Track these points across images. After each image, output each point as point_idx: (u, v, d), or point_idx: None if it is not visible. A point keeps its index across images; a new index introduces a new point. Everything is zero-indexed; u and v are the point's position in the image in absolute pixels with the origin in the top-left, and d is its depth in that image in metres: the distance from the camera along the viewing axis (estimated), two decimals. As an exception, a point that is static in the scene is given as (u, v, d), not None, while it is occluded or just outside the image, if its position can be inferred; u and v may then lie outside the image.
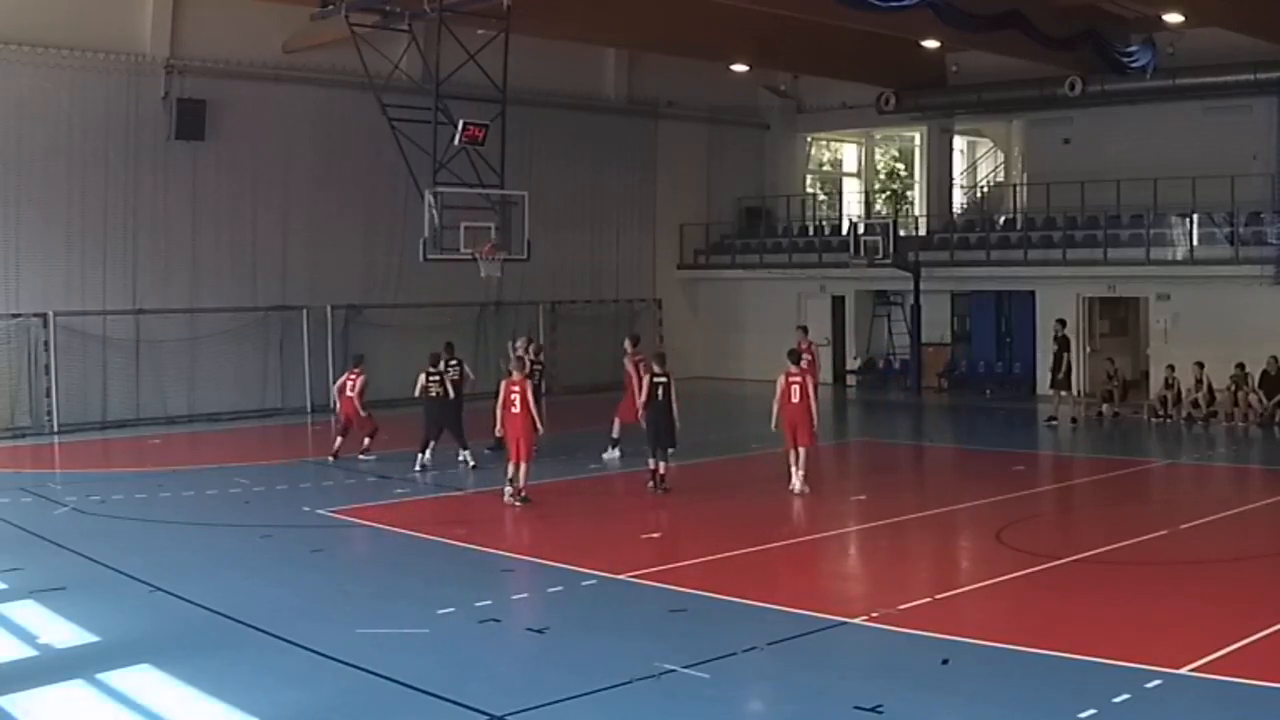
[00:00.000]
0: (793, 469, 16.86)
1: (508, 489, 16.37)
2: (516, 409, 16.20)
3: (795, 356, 17.21)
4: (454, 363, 19.96)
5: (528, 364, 18.41)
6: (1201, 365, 23.87)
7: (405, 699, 9.01)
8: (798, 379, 16.86)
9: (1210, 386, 23.83)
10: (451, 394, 19.42)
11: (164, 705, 8.97)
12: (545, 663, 10.04)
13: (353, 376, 20.44)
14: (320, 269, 27.48)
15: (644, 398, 17.61)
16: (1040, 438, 25.64)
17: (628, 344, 20.62)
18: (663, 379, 17.31)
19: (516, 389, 16.33)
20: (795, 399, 16.73)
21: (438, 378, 19.41)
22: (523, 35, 23.09)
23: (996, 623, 11.03)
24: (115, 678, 9.53)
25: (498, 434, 16.87)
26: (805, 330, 21.62)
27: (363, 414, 20.27)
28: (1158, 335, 27.65)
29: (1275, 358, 23.75)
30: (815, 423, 17.05)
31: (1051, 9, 24.68)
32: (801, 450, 16.86)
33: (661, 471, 17.25)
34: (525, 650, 10.34)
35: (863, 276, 31.33)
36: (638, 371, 18.82)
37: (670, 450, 17.54)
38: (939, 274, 30.41)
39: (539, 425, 16.58)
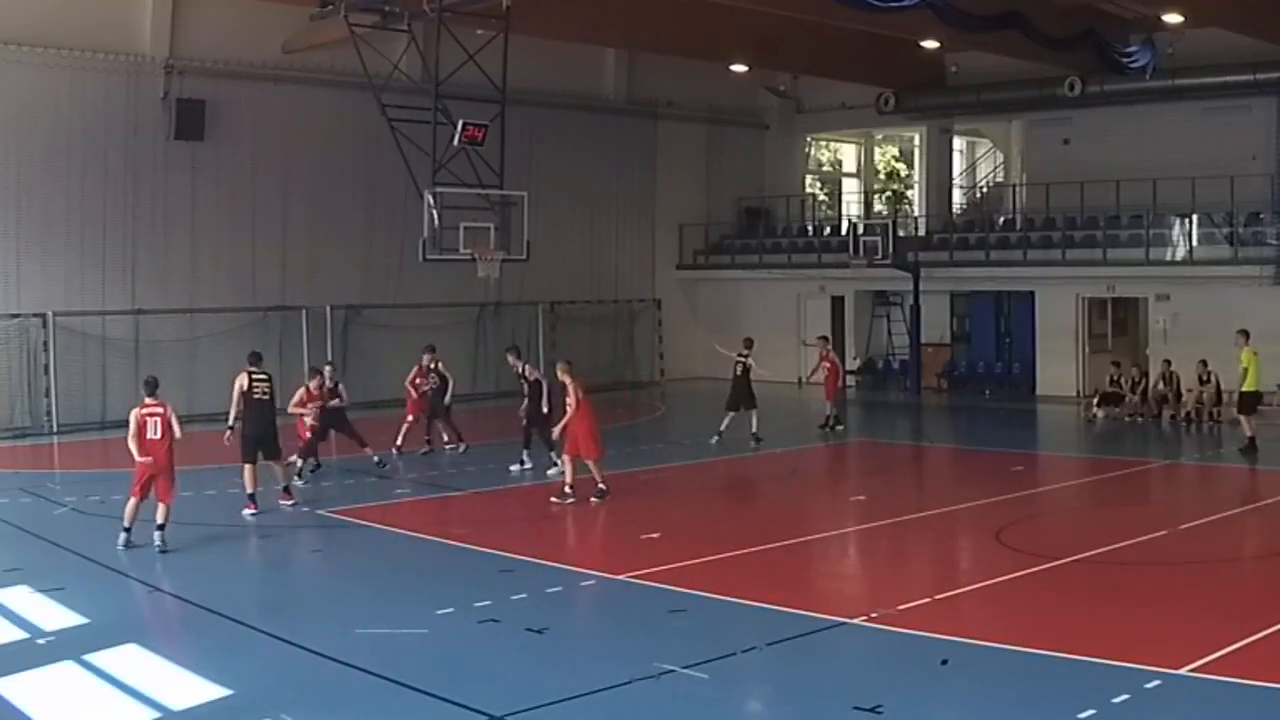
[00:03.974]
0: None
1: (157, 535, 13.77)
2: (157, 435, 13.79)
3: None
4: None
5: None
6: (1205, 363, 23.81)
7: (405, 699, 9.01)
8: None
9: (1218, 384, 23.77)
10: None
11: (166, 705, 8.99)
12: (545, 663, 10.03)
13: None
14: (320, 269, 27.49)
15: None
16: (1040, 438, 25.66)
17: (563, 369, 17.00)
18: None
19: (159, 410, 13.87)
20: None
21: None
22: (522, 35, 23.10)
23: (996, 623, 11.02)
24: (113, 673, 9.54)
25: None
26: (826, 339, 26.14)
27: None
28: (1157, 336, 27.65)
29: None
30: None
31: (1051, 9, 24.67)
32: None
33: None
34: (525, 650, 10.33)
35: (862, 277, 31.32)
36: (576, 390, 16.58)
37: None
38: (938, 274, 30.41)
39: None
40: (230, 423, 16.15)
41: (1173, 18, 23.63)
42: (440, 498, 17.58)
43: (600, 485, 16.50)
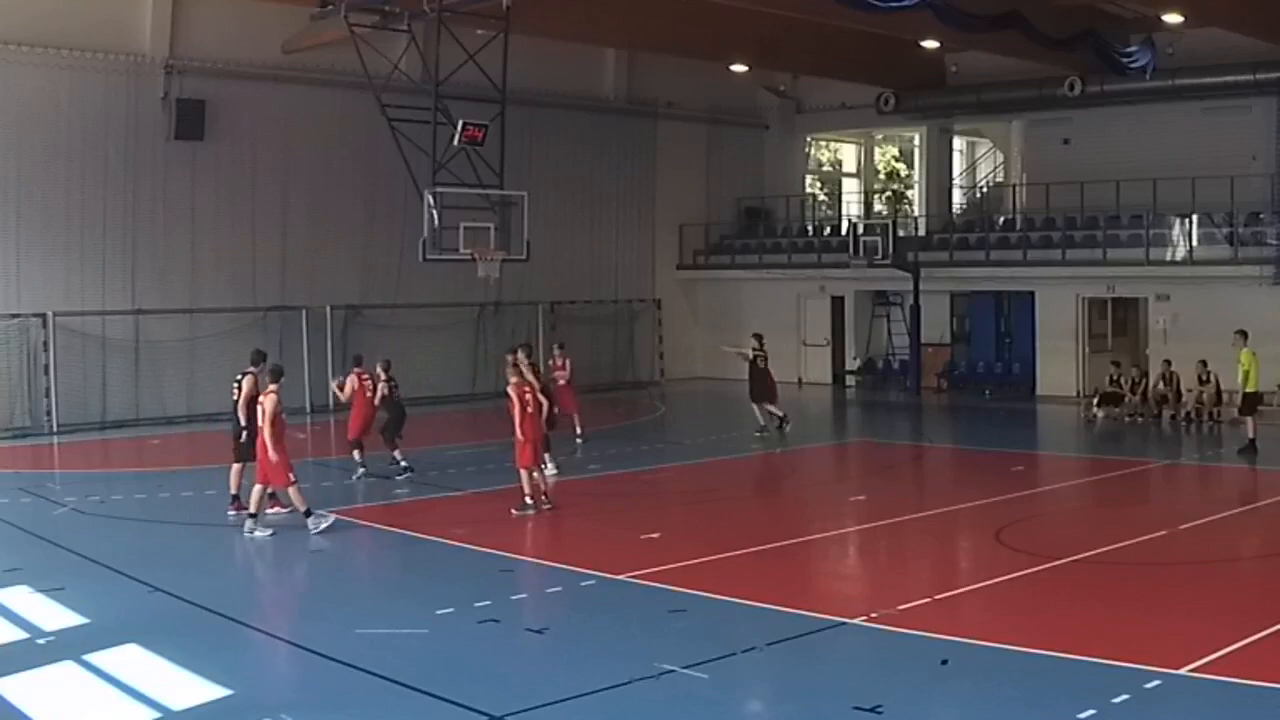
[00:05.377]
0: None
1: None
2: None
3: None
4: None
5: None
6: (1205, 363, 23.79)
7: (405, 699, 9.01)
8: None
9: (1218, 385, 23.74)
10: None
11: (166, 705, 8.99)
12: (545, 663, 10.03)
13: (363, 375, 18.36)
14: (320, 269, 27.48)
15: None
16: (1040, 438, 25.65)
17: (524, 356, 17.35)
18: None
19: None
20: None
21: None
22: (523, 35, 23.10)
23: (996, 623, 11.02)
24: (113, 674, 9.54)
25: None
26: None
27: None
28: (1157, 336, 27.65)
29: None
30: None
31: (1051, 9, 24.66)
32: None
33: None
34: (525, 650, 10.33)
35: (862, 277, 31.32)
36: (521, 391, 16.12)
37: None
38: (938, 274, 30.40)
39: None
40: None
41: (1173, 18, 23.60)
42: (440, 498, 17.56)
43: (528, 499, 15.77)
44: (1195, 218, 26.84)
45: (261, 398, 14.69)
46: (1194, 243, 27.01)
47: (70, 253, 24.39)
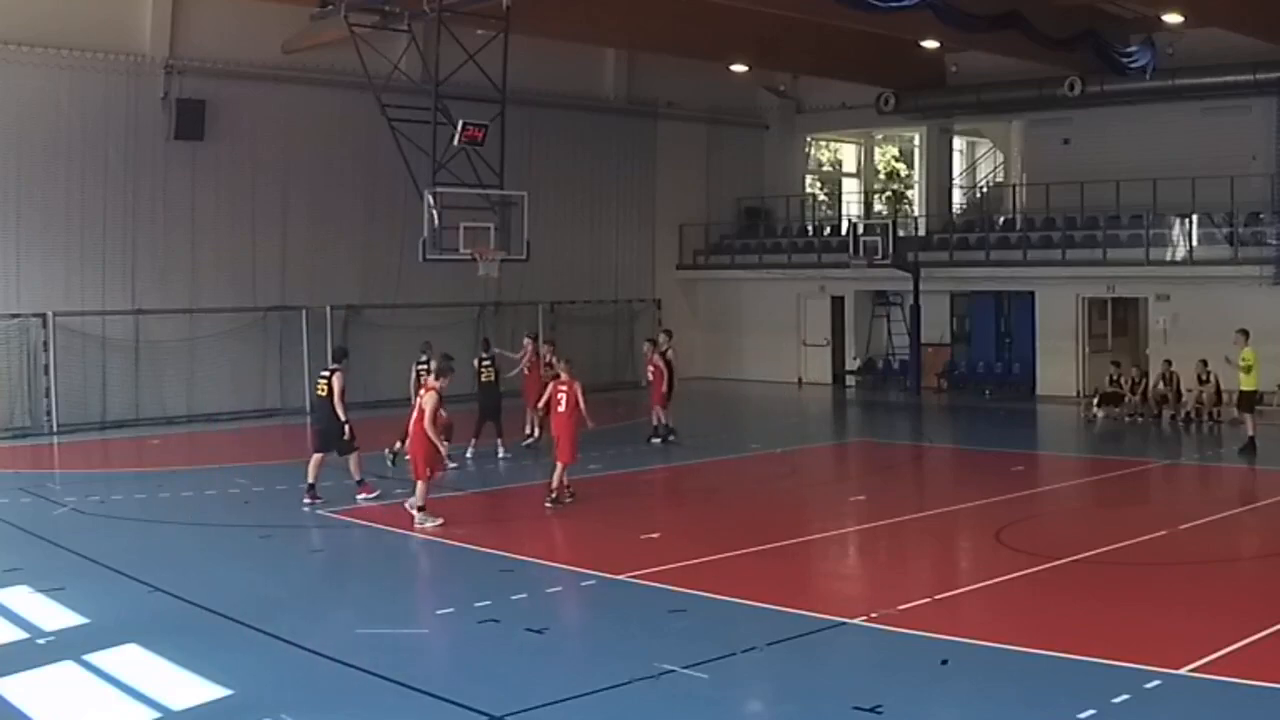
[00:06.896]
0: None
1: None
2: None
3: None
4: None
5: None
6: (1205, 363, 23.77)
7: (405, 699, 9.01)
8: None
9: (1218, 385, 23.73)
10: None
11: (166, 705, 8.98)
12: (545, 663, 10.03)
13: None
14: (320, 269, 27.48)
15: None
16: (1040, 438, 25.65)
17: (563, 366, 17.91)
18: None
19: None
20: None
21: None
22: (522, 35, 23.11)
23: (996, 623, 11.03)
24: (113, 674, 9.53)
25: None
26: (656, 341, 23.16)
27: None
28: (1157, 336, 27.65)
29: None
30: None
31: (1051, 9, 24.67)
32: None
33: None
34: (525, 650, 10.32)
35: (862, 277, 31.33)
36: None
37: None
38: (938, 274, 30.41)
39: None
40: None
41: (1173, 18, 23.61)
42: (440, 498, 17.54)
43: (553, 492, 16.26)
44: (1195, 218, 26.86)
45: (423, 394, 15.24)
46: (1194, 243, 27.03)
47: (70, 253, 24.39)
